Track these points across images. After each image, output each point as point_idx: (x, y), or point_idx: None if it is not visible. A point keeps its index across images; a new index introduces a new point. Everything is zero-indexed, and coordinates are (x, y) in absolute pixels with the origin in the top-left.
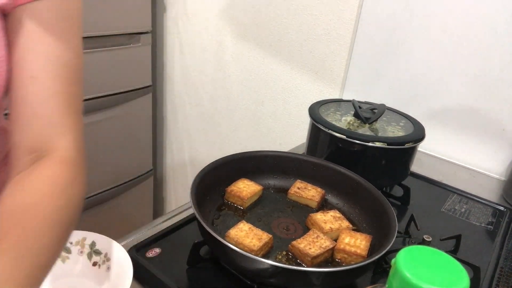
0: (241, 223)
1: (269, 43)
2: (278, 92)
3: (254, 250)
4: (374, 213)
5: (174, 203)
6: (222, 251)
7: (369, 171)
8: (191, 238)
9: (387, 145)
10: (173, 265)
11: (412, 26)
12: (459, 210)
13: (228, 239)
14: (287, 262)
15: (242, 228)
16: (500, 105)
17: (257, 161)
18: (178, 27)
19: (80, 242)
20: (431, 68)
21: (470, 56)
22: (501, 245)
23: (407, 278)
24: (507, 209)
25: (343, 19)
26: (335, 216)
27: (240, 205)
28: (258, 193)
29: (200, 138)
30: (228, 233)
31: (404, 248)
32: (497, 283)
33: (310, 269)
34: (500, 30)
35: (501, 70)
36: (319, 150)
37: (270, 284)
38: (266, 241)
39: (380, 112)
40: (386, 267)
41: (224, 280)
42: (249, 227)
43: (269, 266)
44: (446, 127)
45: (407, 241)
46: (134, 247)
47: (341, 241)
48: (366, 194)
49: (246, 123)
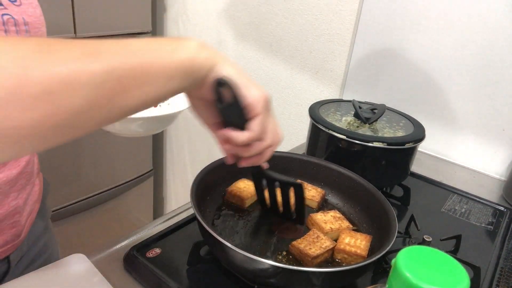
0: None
1: (269, 43)
2: (278, 92)
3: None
4: (374, 213)
5: (174, 203)
6: (222, 251)
7: (369, 171)
8: (191, 238)
9: (387, 145)
10: (173, 265)
11: (412, 26)
12: (459, 210)
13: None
14: (287, 263)
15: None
16: (500, 105)
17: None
18: (178, 27)
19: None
20: (431, 68)
21: (470, 56)
22: (501, 245)
23: (407, 278)
24: (507, 209)
25: (343, 19)
26: (335, 216)
27: (240, 205)
28: None
29: (200, 138)
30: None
31: (404, 248)
32: (497, 283)
33: (310, 269)
34: (500, 30)
35: (501, 70)
36: (319, 150)
37: (270, 284)
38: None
39: (380, 112)
40: (386, 267)
41: (224, 280)
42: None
43: (269, 266)
44: (446, 127)
45: (407, 241)
46: (134, 247)
47: (341, 241)
48: (366, 194)
49: None
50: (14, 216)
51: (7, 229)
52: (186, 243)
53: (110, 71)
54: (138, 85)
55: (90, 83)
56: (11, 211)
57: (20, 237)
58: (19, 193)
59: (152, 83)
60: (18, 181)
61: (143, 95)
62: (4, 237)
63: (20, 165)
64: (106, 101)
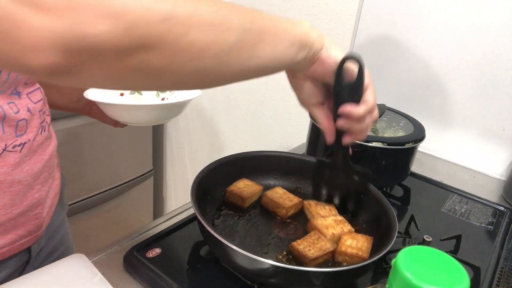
0: (276, 188)
1: None
2: (278, 92)
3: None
4: (374, 213)
5: (174, 203)
6: (222, 251)
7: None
8: (191, 238)
9: (387, 145)
10: (173, 265)
11: (412, 27)
12: (459, 210)
13: (265, 197)
14: (287, 262)
15: (278, 191)
16: (500, 105)
17: (257, 161)
18: None
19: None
20: (431, 68)
21: (471, 56)
22: (501, 245)
23: (407, 278)
24: (507, 209)
25: (343, 19)
26: (336, 220)
27: (240, 205)
28: (258, 193)
29: (200, 138)
30: (265, 193)
31: (405, 248)
32: (497, 283)
33: (310, 269)
34: (501, 30)
35: (501, 70)
36: (319, 150)
37: (270, 284)
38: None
39: (380, 112)
40: (386, 267)
41: (224, 280)
42: (283, 191)
43: (269, 266)
44: (446, 127)
45: (407, 241)
46: (134, 247)
47: (343, 243)
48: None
49: (246, 123)
50: (37, 208)
51: (31, 220)
52: (186, 243)
53: (254, 22)
54: (270, 42)
55: (240, 27)
56: (34, 203)
57: (42, 229)
58: (42, 185)
59: (280, 43)
60: (41, 174)
61: (272, 52)
62: (28, 227)
63: (44, 158)
64: (249, 47)
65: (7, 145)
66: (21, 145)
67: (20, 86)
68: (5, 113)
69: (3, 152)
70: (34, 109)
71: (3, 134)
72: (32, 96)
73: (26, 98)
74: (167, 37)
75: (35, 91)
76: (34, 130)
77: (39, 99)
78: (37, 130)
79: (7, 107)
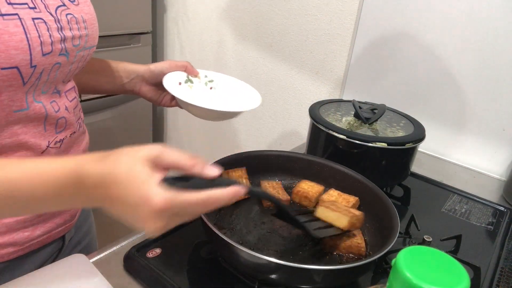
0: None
1: (269, 43)
2: (278, 92)
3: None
4: (376, 213)
5: None
6: (224, 249)
7: (369, 171)
8: (191, 238)
9: (387, 145)
10: (173, 265)
11: (412, 27)
12: (459, 210)
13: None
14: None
15: (332, 194)
16: (500, 105)
17: (259, 161)
18: (178, 27)
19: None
20: (431, 68)
21: (470, 56)
22: (501, 245)
23: (407, 278)
24: (507, 209)
25: (343, 19)
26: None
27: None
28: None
29: (200, 138)
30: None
31: (405, 248)
32: (497, 283)
33: (311, 267)
34: (500, 31)
35: (501, 70)
36: (320, 150)
37: (271, 281)
38: (353, 203)
39: (380, 112)
40: (386, 267)
41: (224, 280)
42: (338, 193)
43: (270, 263)
44: (446, 127)
45: (408, 241)
46: (134, 247)
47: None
48: (369, 193)
49: (247, 123)
50: None
51: (67, 210)
52: (186, 243)
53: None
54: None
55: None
56: None
57: (75, 218)
58: None
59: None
60: None
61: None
62: (64, 217)
63: (79, 153)
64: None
65: (50, 142)
66: (61, 141)
67: (59, 84)
68: (47, 112)
69: (47, 149)
70: (70, 107)
71: (44, 132)
72: (68, 95)
73: (64, 97)
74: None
75: (70, 90)
76: (71, 127)
77: (73, 97)
78: (74, 127)
79: (50, 106)
